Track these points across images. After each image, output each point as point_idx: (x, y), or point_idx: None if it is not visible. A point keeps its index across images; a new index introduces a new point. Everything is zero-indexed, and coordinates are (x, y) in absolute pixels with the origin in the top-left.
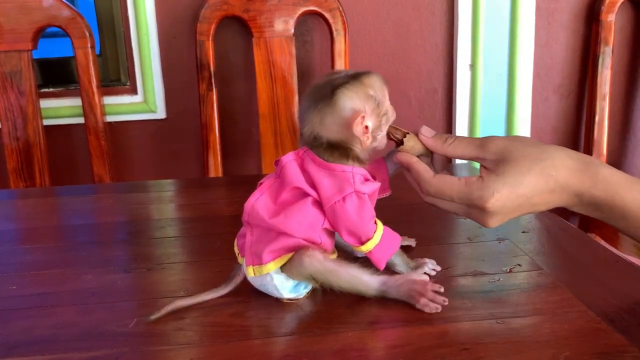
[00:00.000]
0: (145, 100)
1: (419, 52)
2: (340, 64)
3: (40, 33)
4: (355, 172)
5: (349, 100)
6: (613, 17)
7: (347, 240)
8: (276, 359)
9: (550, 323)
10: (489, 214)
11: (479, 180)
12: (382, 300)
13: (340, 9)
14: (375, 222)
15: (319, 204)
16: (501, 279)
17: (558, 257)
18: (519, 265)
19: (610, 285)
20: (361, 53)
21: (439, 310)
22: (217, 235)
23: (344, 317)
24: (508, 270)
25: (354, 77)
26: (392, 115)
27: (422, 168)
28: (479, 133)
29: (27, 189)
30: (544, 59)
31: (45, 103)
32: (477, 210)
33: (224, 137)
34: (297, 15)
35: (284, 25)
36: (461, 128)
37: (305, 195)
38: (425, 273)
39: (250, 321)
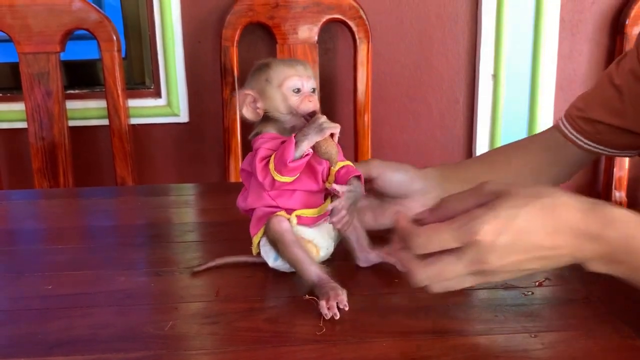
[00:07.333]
0: (168, 103)
1: (441, 61)
2: (362, 72)
3: (69, 35)
4: (260, 136)
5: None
6: (638, 30)
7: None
8: None
9: (585, 339)
10: (484, 249)
11: (465, 215)
12: (414, 310)
13: (364, 17)
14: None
15: None
16: (532, 293)
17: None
18: (548, 279)
19: None
20: (384, 61)
21: (327, 317)
22: (241, 241)
23: (376, 327)
24: (538, 283)
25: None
26: (277, 101)
27: (408, 227)
28: (500, 144)
29: (52, 189)
30: (567, 71)
31: (70, 104)
32: (471, 250)
33: (246, 142)
34: (321, 23)
35: (308, 32)
36: (482, 139)
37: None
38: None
39: (283, 327)
